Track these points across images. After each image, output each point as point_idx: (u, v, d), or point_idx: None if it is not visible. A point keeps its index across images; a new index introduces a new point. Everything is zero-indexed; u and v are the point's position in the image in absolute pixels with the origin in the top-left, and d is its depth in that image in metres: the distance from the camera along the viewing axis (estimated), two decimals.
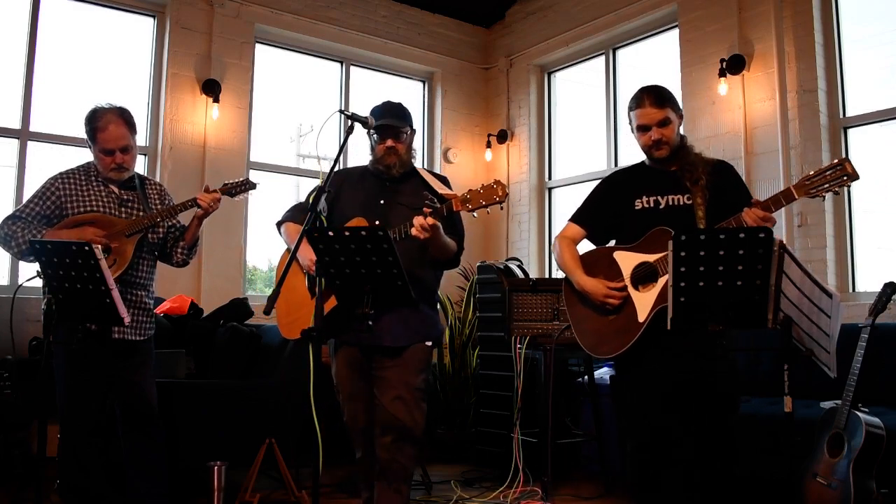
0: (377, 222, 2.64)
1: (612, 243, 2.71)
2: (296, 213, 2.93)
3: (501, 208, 2.42)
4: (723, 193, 2.51)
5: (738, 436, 2.46)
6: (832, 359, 2.10)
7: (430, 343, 2.73)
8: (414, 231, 2.41)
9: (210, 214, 3.00)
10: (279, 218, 2.97)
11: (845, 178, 2.17)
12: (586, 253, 2.67)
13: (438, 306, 2.87)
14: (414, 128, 2.87)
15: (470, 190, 2.41)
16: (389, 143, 2.76)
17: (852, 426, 2.75)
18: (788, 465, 2.67)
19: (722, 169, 2.59)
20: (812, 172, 2.23)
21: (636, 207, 2.58)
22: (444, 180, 2.82)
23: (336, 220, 2.81)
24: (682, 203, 2.52)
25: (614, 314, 2.49)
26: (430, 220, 2.38)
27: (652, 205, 2.55)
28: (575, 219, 2.76)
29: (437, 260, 2.68)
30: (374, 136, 2.80)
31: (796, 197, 2.24)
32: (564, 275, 2.68)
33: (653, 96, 2.53)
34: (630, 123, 2.63)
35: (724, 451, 2.42)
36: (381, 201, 2.76)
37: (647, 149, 2.58)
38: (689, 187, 2.50)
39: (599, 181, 2.82)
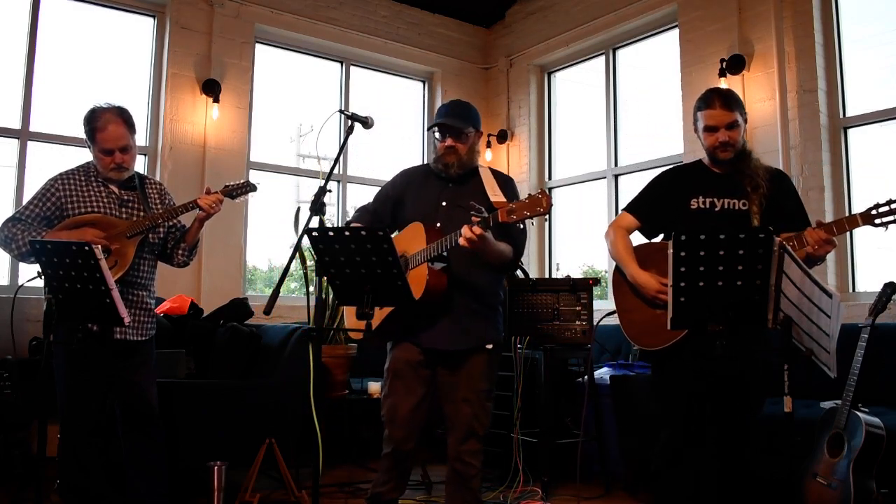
0: (438, 225, 2.66)
1: (659, 238, 2.75)
2: (363, 215, 2.94)
3: (546, 220, 2.39)
4: (778, 203, 2.54)
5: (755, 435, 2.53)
6: (832, 359, 2.10)
7: (490, 346, 2.69)
8: (461, 241, 2.38)
9: (212, 216, 3.00)
10: (348, 218, 2.96)
11: None
12: (640, 245, 2.71)
13: (500, 309, 2.81)
14: (479, 129, 2.83)
15: (517, 200, 2.36)
16: (449, 142, 2.74)
17: (852, 426, 2.75)
18: (788, 465, 2.67)
19: (780, 178, 2.63)
20: (882, 202, 2.26)
21: (691, 207, 2.60)
22: (506, 182, 2.78)
23: (400, 222, 2.81)
24: (737, 208, 2.55)
25: (662, 309, 2.51)
26: (476, 231, 2.35)
27: (707, 206, 2.58)
28: (631, 209, 2.78)
29: (491, 265, 2.64)
30: (436, 134, 2.79)
31: (860, 224, 2.28)
32: (616, 263, 2.72)
33: (723, 98, 2.56)
34: (695, 123, 2.65)
35: (738, 452, 2.49)
36: (443, 203, 2.74)
37: (712, 150, 2.59)
38: (748, 193, 2.53)
39: (658, 174, 2.83)
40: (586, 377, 4.12)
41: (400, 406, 2.70)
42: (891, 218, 2.23)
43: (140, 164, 5.16)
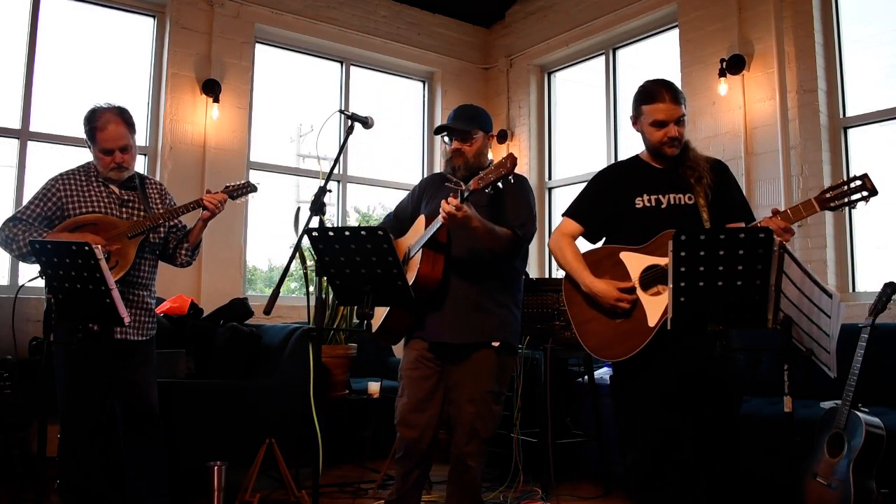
0: None
1: (601, 242, 2.64)
2: (386, 223, 2.98)
3: (512, 180, 2.37)
4: (723, 194, 2.47)
5: (740, 436, 2.45)
6: (832, 359, 2.10)
7: (496, 344, 2.64)
8: (441, 215, 2.39)
9: (216, 216, 3.00)
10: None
11: (865, 193, 2.16)
12: (588, 252, 2.58)
13: (514, 309, 2.76)
14: (489, 131, 2.83)
15: (486, 168, 2.40)
16: (455, 144, 2.77)
17: (852, 426, 2.75)
18: (788, 465, 2.66)
19: (720, 168, 2.55)
20: (832, 185, 2.22)
21: (636, 206, 2.49)
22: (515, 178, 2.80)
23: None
24: (684, 202, 2.46)
25: (622, 317, 2.41)
26: (452, 201, 2.35)
27: (653, 204, 2.48)
28: (571, 213, 2.63)
29: (491, 251, 2.59)
30: (445, 138, 2.82)
31: (817, 209, 2.21)
32: (565, 273, 2.58)
33: (671, 92, 2.44)
34: (637, 116, 2.52)
35: (728, 451, 2.39)
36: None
37: (659, 145, 2.47)
38: (692, 186, 2.45)
39: (594, 175, 2.71)
40: (586, 377, 4.12)
41: (408, 404, 2.69)
42: (845, 200, 2.17)
43: (140, 164, 5.15)
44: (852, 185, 2.18)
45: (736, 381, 2.45)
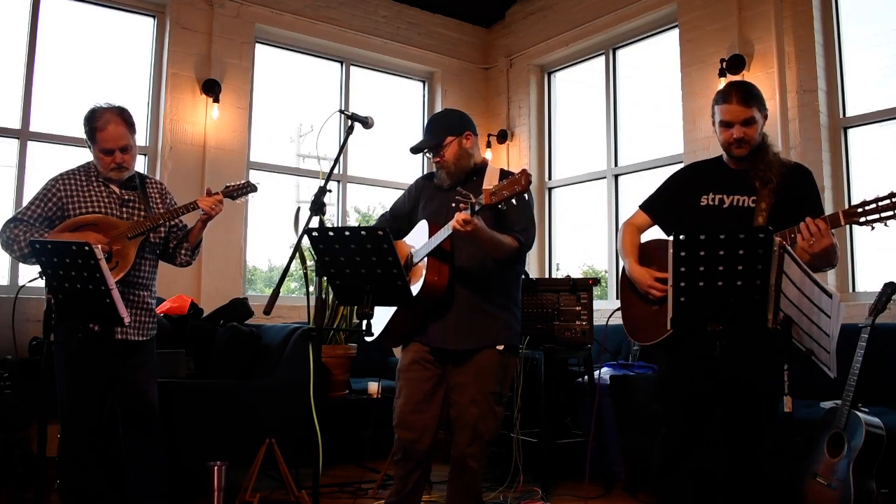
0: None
1: None
2: (383, 223, 2.97)
3: (527, 198, 2.39)
4: (793, 199, 2.46)
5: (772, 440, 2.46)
6: (832, 359, 2.10)
7: (501, 347, 2.65)
8: (452, 224, 2.39)
9: (214, 217, 3.00)
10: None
11: None
12: (649, 241, 2.70)
13: (515, 311, 2.77)
14: (461, 132, 2.79)
15: (498, 182, 2.37)
16: (434, 159, 2.80)
17: (852, 426, 2.75)
18: (788, 465, 2.66)
19: (799, 173, 2.54)
20: (865, 200, 2.19)
21: (701, 204, 2.57)
22: (508, 177, 2.80)
23: (415, 222, 2.83)
24: (745, 204, 2.49)
25: (657, 305, 2.50)
26: (463, 215, 2.35)
27: (716, 203, 2.54)
28: (644, 206, 2.75)
29: (493, 257, 2.62)
30: (428, 154, 2.84)
31: (842, 223, 2.22)
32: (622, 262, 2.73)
33: (741, 93, 2.48)
34: (712, 116, 2.59)
35: (754, 450, 2.44)
36: (452, 204, 2.72)
37: (727, 145, 2.53)
38: (757, 188, 2.47)
39: (677, 170, 2.80)
40: (586, 377, 4.12)
41: (406, 405, 2.68)
42: (876, 217, 2.16)
43: (140, 164, 5.15)
44: (886, 202, 2.16)
45: (773, 381, 2.45)
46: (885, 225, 2.17)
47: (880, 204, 2.17)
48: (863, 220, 2.20)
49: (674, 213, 2.68)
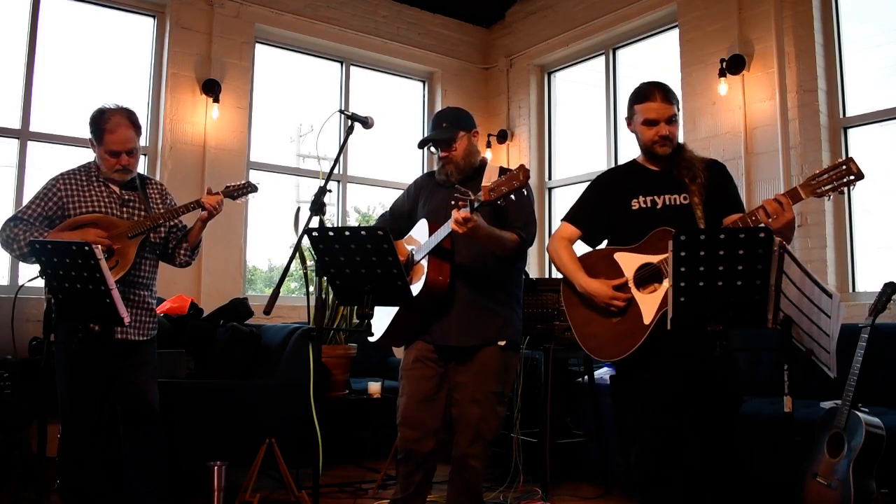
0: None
1: (604, 244, 2.65)
2: (382, 223, 2.97)
3: (526, 193, 2.37)
4: (717, 193, 2.48)
5: (739, 435, 2.45)
6: (832, 359, 2.10)
7: (503, 343, 2.65)
8: (452, 225, 2.38)
9: (214, 217, 3.00)
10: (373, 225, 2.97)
11: (851, 177, 2.14)
12: (584, 254, 2.61)
13: (517, 307, 2.77)
14: (472, 129, 2.79)
15: (497, 179, 2.37)
16: (442, 153, 2.76)
17: (852, 426, 2.75)
18: (788, 465, 2.66)
19: (716, 168, 2.56)
20: (817, 171, 2.20)
21: (633, 208, 2.52)
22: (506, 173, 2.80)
23: (415, 221, 2.82)
24: (679, 203, 2.48)
25: (618, 317, 2.43)
26: (463, 213, 2.34)
27: (649, 205, 2.51)
28: (569, 219, 2.67)
29: (494, 253, 2.61)
30: (432, 149, 2.82)
31: (803, 197, 2.21)
32: (563, 276, 2.62)
33: (663, 91, 2.48)
34: (631, 117, 2.56)
35: (730, 450, 2.40)
36: (452, 202, 2.71)
37: (651, 144, 2.50)
38: (686, 186, 2.46)
39: (592, 180, 2.74)
40: (586, 377, 4.12)
41: (409, 403, 2.68)
42: (831, 186, 2.15)
43: (140, 164, 5.10)
44: (836, 171, 2.16)
45: (736, 379, 2.45)
46: (840, 193, 2.18)
47: (832, 173, 2.17)
48: (819, 190, 2.19)
49: (602, 221, 2.62)
